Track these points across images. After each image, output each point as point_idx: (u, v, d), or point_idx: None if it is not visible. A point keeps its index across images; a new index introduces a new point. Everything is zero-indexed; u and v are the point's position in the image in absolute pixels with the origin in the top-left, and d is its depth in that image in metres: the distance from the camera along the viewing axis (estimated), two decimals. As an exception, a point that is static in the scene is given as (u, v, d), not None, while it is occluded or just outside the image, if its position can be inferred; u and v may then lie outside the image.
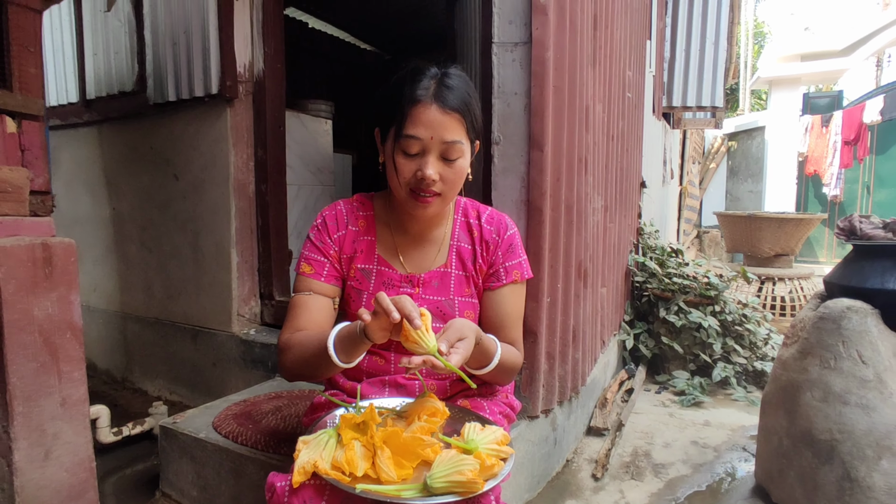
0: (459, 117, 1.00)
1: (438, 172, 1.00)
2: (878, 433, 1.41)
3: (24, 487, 1.39)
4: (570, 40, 1.69)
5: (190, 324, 2.48)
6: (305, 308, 1.09)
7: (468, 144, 1.04)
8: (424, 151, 0.99)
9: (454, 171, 1.02)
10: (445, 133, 0.99)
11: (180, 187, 2.44)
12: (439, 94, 0.99)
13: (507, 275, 1.14)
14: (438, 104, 0.98)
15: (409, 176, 1.01)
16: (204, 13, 2.23)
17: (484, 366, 1.02)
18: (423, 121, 0.98)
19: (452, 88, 1.00)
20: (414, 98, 0.98)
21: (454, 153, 1.00)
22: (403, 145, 1.00)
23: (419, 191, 1.01)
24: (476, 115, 1.05)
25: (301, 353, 1.02)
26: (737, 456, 2.00)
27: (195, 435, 1.63)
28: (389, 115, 1.02)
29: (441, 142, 0.99)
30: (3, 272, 1.35)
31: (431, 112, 0.98)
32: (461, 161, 1.02)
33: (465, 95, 1.02)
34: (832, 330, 1.51)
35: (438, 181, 1.01)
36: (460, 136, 1.00)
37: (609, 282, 2.46)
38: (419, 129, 0.98)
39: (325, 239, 1.13)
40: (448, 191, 1.03)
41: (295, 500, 0.84)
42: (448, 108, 0.98)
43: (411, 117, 0.98)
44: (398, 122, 0.99)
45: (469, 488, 0.79)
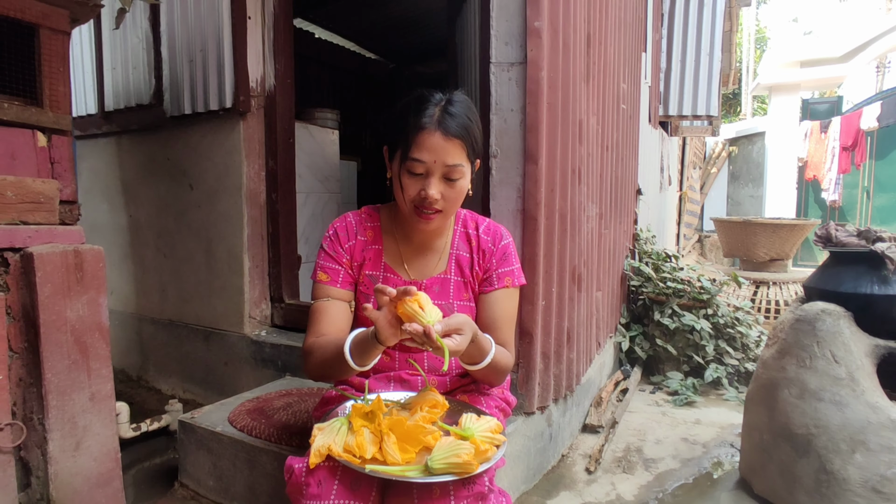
0: (461, 143, 1.10)
1: (440, 192, 1.11)
2: (852, 428, 1.51)
3: (58, 475, 1.51)
4: (564, 59, 1.81)
5: (203, 325, 2.60)
6: (325, 314, 1.19)
7: (468, 165, 1.15)
8: (428, 173, 1.10)
9: (455, 190, 1.13)
10: (447, 157, 1.09)
11: (195, 196, 2.57)
12: (442, 121, 1.08)
13: (499, 280, 1.25)
14: (441, 131, 1.08)
15: (414, 194, 1.12)
16: (219, 31, 2.35)
17: (477, 362, 1.12)
18: (426, 146, 1.08)
19: (455, 116, 1.10)
20: (419, 125, 1.08)
21: (455, 174, 1.11)
22: (409, 167, 1.10)
23: (422, 208, 1.12)
24: (476, 139, 1.15)
25: (322, 358, 1.12)
26: (724, 451, 2.10)
27: (212, 429, 1.74)
28: (397, 138, 1.13)
29: (443, 165, 1.10)
30: (40, 277, 1.47)
31: (435, 138, 1.08)
32: (462, 181, 1.13)
33: (467, 121, 1.11)
34: (808, 331, 1.61)
35: (440, 199, 1.12)
36: (461, 160, 1.11)
37: (604, 286, 2.56)
38: (423, 154, 1.08)
39: (338, 248, 1.24)
40: (449, 207, 1.14)
41: (311, 479, 0.95)
42: (450, 135, 1.08)
43: (416, 142, 1.08)
44: (404, 145, 1.10)
45: (465, 469, 0.90)
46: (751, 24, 15.49)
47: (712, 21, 3.95)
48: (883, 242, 1.58)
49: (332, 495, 0.92)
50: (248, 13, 2.33)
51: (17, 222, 1.54)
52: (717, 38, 3.95)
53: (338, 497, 0.92)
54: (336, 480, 0.94)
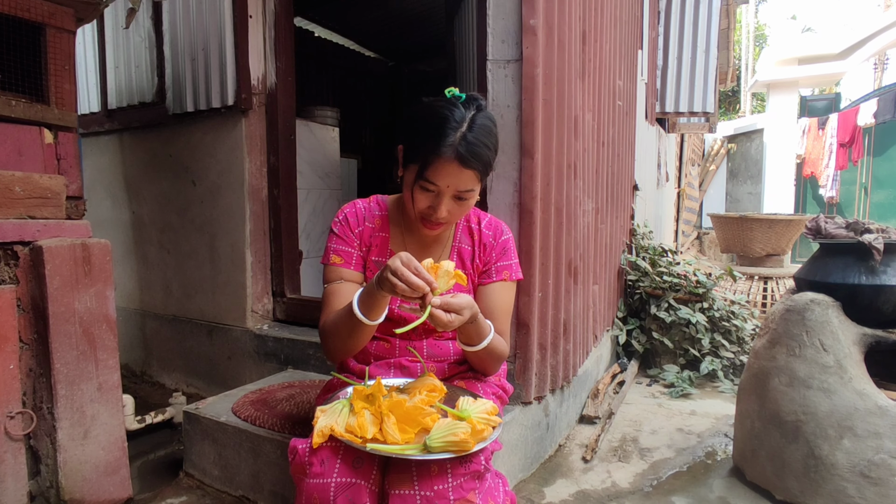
0: (476, 173, 1.12)
1: (448, 210, 1.15)
2: (840, 414, 1.55)
3: (67, 462, 1.55)
4: (559, 57, 1.84)
5: (206, 320, 2.64)
6: (338, 294, 1.24)
7: (480, 185, 1.17)
8: (440, 194, 1.13)
9: (462, 208, 1.17)
10: (461, 184, 1.12)
11: (198, 192, 2.61)
12: (460, 151, 1.07)
13: (497, 273, 1.29)
14: (459, 161, 1.08)
15: (423, 207, 1.16)
16: (221, 30, 2.39)
17: (475, 343, 1.17)
18: (442, 173, 1.10)
19: (473, 144, 1.08)
20: (437, 151, 1.08)
21: (466, 196, 1.15)
22: (422, 185, 1.13)
23: (429, 219, 1.17)
24: (491, 162, 1.16)
25: (335, 327, 1.17)
26: (718, 441, 2.14)
27: (216, 419, 1.78)
28: (414, 152, 1.13)
29: (456, 189, 1.12)
30: (49, 270, 1.51)
31: (451, 167, 1.08)
32: (471, 201, 1.17)
33: (485, 150, 1.11)
34: (797, 321, 1.66)
35: (447, 215, 1.15)
36: (474, 185, 1.14)
37: (601, 279, 2.60)
38: (438, 179, 1.10)
39: (348, 232, 1.28)
40: (454, 219, 1.20)
41: (314, 458, 0.99)
42: (467, 166, 1.09)
43: (432, 168, 1.09)
44: (421, 165, 1.11)
45: (462, 447, 0.94)
46: (750, 21, 15.51)
47: (708, 18, 3.98)
48: (870, 234, 1.62)
49: (335, 473, 0.96)
50: (249, 12, 2.37)
51: (25, 217, 1.58)
52: (714, 36, 3.99)
53: (340, 475, 0.96)
54: (338, 459, 0.98)
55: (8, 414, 1.44)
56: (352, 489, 0.96)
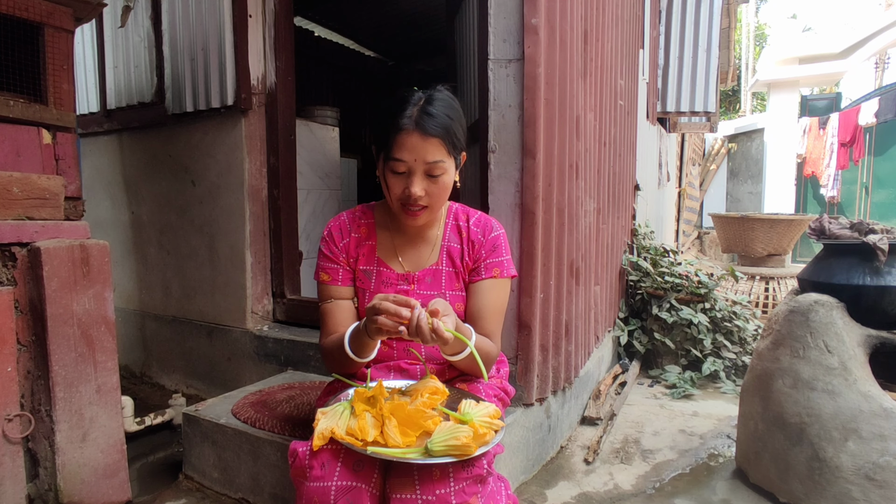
0: (439, 141, 1.13)
1: (424, 189, 1.15)
2: (844, 416, 1.54)
3: (65, 465, 1.54)
4: (561, 56, 1.83)
5: (206, 321, 2.63)
6: (331, 314, 1.28)
7: (450, 160, 1.17)
8: (410, 171, 1.14)
9: (438, 186, 1.16)
10: (427, 155, 1.13)
11: (197, 193, 2.59)
12: (420, 121, 1.11)
13: (486, 270, 1.28)
14: (419, 131, 1.11)
15: (399, 192, 1.16)
16: (220, 30, 2.38)
17: (457, 353, 1.14)
18: (406, 146, 1.12)
19: (433, 115, 1.12)
20: (398, 126, 1.12)
21: (437, 171, 1.15)
22: (391, 166, 1.15)
23: (408, 205, 1.17)
24: (457, 135, 1.17)
25: (332, 355, 1.22)
26: (721, 442, 2.13)
27: (216, 421, 1.77)
28: (380, 139, 1.18)
29: (424, 162, 1.13)
30: (47, 271, 1.50)
31: (413, 138, 1.12)
32: (444, 177, 1.17)
33: (446, 119, 1.13)
34: (801, 322, 1.64)
35: (424, 196, 1.16)
36: (441, 157, 1.14)
37: (603, 280, 2.59)
38: (403, 154, 1.13)
39: (333, 248, 1.29)
40: (434, 202, 1.19)
41: (315, 461, 0.98)
42: (428, 134, 1.11)
43: (396, 143, 1.13)
44: (386, 146, 1.15)
45: (464, 451, 0.93)
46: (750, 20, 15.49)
47: (710, 18, 3.97)
48: (874, 234, 1.61)
49: (335, 476, 0.95)
50: (248, 11, 2.36)
51: (23, 218, 1.56)
52: (715, 35, 3.97)
53: (340, 478, 0.95)
54: (339, 462, 0.97)
55: (6, 416, 1.43)
56: (352, 492, 0.95)
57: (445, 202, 1.24)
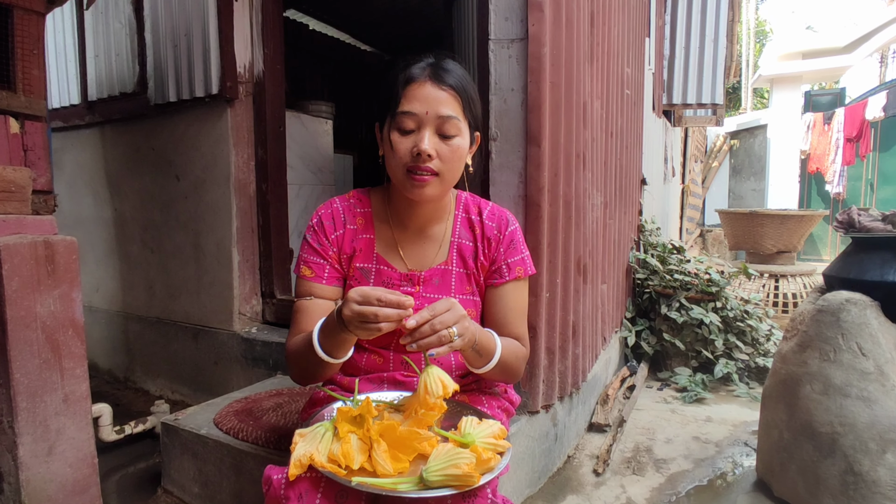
0: (455, 94, 1.01)
1: (434, 148, 1.00)
2: (882, 426, 1.41)
3: (30, 481, 1.40)
4: (567, 37, 1.70)
5: (191, 323, 2.49)
6: (307, 314, 1.09)
7: (465, 125, 1.04)
8: (420, 126, 1.00)
9: (451, 149, 1.02)
10: (440, 107, 1.00)
11: (182, 187, 2.46)
12: (435, 72, 1.01)
13: (509, 271, 1.13)
14: (433, 81, 1.00)
15: (405, 153, 1.01)
16: (204, 15, 2.24)
17: (485, 363, 1.01)
18: (418, 96, 0.99)
19: (448, 70, 1.03)
20: (410, 77, 1.01)
21: (450, 129, 1.01)
22: (399, 122, 1.00)
23: (416, 168, 1.00)
24: (474, 100, 1.06)
25: (298, 356, 1.04)
26: (738, 451, 1.99)
27: (196, 431, 1.64)
28: (386, 101, 1.04)
29: (436, 116, 0.99)
30: (7, 269, 1.36)
31: (426, 88, 1.00)
32: (458, 139, 1.03)
33: (462, 78, 1.04)
34: (831, 322, 1.51)
35: (435, 158, 1.01)
36: (456, 112, 1.01)
37: (609, 278, 2.46)
38: (414, 105, 0.99)
39: (323, 240, 1.12)
40: (446, 171, 1.03)
41: (291, 492, 0.84)
42: (443, 85, 1.00)
43: (406, 95, 1.00)
44: (394, 102, 1.01)
45: (465, 482, 0.79)
46: (751, 17, 15.38)
47: (717, 6, 3.83)
48: (911, 227, 1.47)
49: (315, 510, 0.82)
50: (234, -5, 2.22)
51: (-16, 212, 1.43)
52: (723, 25, 3.84)
53: (321, 512, 0.82)
54: (319, 493, 0.83)
55: (-42, 431, 1.30)
56: (335, 528, 0.82)
57: (456, 179, 1.08)
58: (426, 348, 0.86)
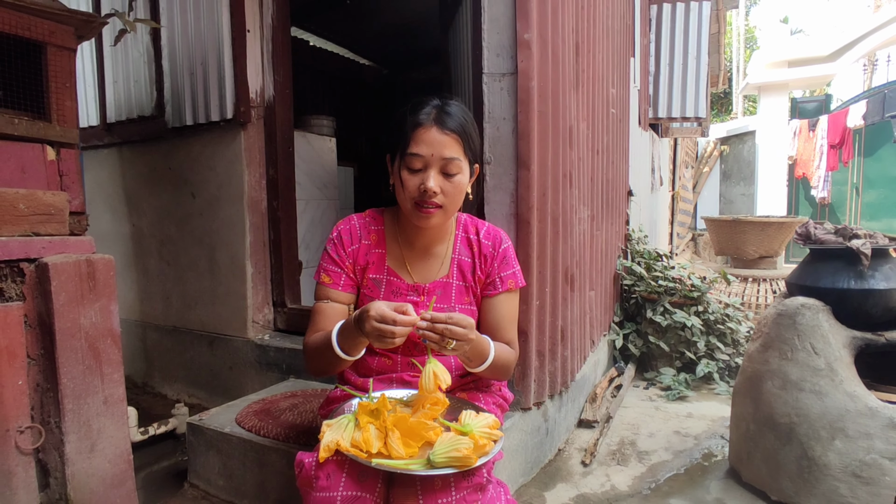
0: (457, 137, 1.18)
1: (439, 185, 1.18)
2: (831, 416, 1.59)
3: (75, 475, 1.57)
4: (553, 69, 1.88)
5: (207, 331, 2.66)
6: (324, 314, 1.28)
7: (466, 163, 1.21)
8: (426, 166, 1.18)
9: (453, 185, 1.19)
10: (444, 150, 1.17)
11: (197, 205, 2.63)
12: (439, 118, 1.17)
13: (502, 284, 1.31)
14: (438, 126, 1.16)
15: (414, 189, 1.18)
16: (219, 44, 2.42)
17: (478, 365, 1.19)
18: (424, 140, 1.16)
19: (451, 115, 1.18)
20: (416, 122, 1.18)
21: (453, 169, 1.18)
22: (408, 163, 1.18)
23: (422, 203, 1.18)
24: (473, 139, 1.23)
25: (316, 352, 1.21)
26: (715, 443, 2.17)
27: (220, 430, 1.81)
28: (396, 140, 1.21)
29: (441, 158, 1.17)
30: (55, 286, 1.53)
31: (432, 133, 1.16)
32: (460, 177, 1.20)
33: (463, 121, 1.20)
34: (788, 325, 1.70)
35: (440, 194, 1.18)
36: (458, 154, 1.18)
37: (597, 285, 2.64)
38: (421, 148, 1.16)
39: (341, 252, 1.30)
40: (449, 204, 1.21)
41: (321, 472, 1.02)
42: (446, 130, 1.17)
43: (414, 138, 1.17)
44: (403, 143, 1.18)
45: (464, 462, 0.98)
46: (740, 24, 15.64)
47: (699, 25, 4.05)
48: (858, 239, 1.66)
49: (341, 487, 0.99)
50: (247, 26, 2.40)
51: (29, 234, 1.60)
52: (704, 42, 4.05)
53: (346, 489, 0.99)
54: (344, 473, 1.01)
55: (18, 429, 1.47)
56: (357, 502, 0.99)
57: (458, 208, 1.26)
58: (427, 339, 1.06)
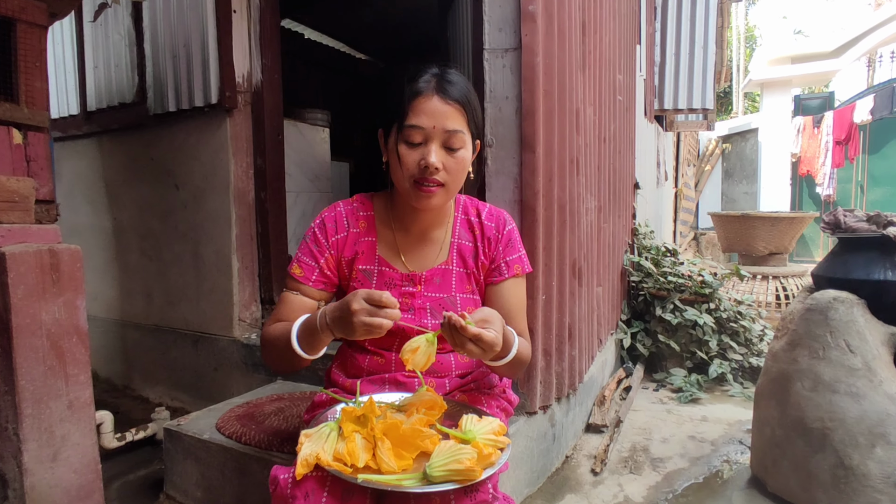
0: (460, 108, 1.04)
1: (441, 161, 1.04)
2: (870, 420, 1.44)
3: (35, 487, 1.42)
4: (559, 46, 1.74)
5: (190, 329, 2.51)
6: (289, 305, 1.13)
7: (469, 137, 1.08)
8: (427, 140, 1.03)
9: (456, 161, 1.05)
10: (447, 122, 1.03)
11: (181, 196, 2.48)
12: (440, 86, 1.04)
13: (508, 269, 1.18)
14: (440, 95, 1.03)
15: (413, 166, 1.04)
16: (203, 26, 2.28)
17: (503, 357, 1.03)
18: (425, 111, 1.02)
19: (453, 83, 1.05)
20: (416, 91, 1.03)
21: (456, 142, 1.04)
22: (406, 136, 1.04)
23: (423, 181, 1.04)
24: (476, 110, 1.10)
25: (273, 341, 1.07)
26: (734, 449, 2.03)
27: (199, 436, 1.66)
28: (392, 112, 1.07)
29: (443, 130, 1.03)
30: (12, 278, 1.38)
31: (433, 103, 1.03)
32: (463, 152, 1.06)
33: (465, 90, 1.07)
34: (819, 321, 1.55)
35: (441, 170, 1.04)
36: (461, 126, 1.05)
37: (605, 281, 2.50)
38: (421, 119, 1.02)
39: (322, 242, 1.15)
40: (451, 182, 1.07)
41: (298, 491, 0.87)
42: (449, 99, 1.03)
43: (414, 108, 1.03)
44: (401, 115, 1.04)
45: (467, 476, 0.82)
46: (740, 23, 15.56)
47: (706, 13, 3.91)
48: (894, 226, 1.52)
49: (322, 507, 0.84)
50: (233, 7, 2.26)
51: (-12, 222, 1.45)
52: (711, 31, 3.91)
53: (328, 509, 0.84)
54: (325, 492, 0.86)
55: (-35, 437, 1.31)
56: (341, 525, 0.84)
57: (459, 187, 1.12)
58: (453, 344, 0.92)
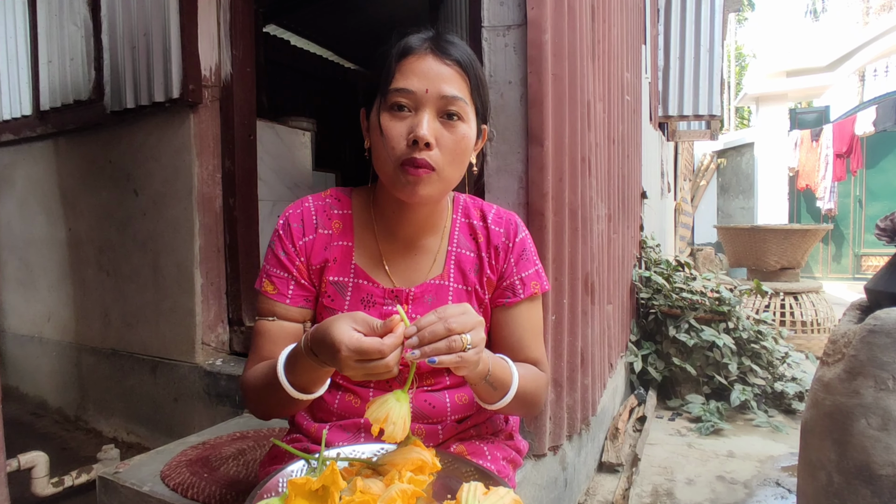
0: (461, 70, 0.81)
1: (435, 136, 0.79)
2: (951, 467, 1.18)
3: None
4: (570, 25, 1.51)
5: (149, 354, 2.22)
6: (268, 338, 0.88)
7: (472, 109, 0.83)
8: (418, 107, 0.79)
9: (455, 137, 0.81)
10: (443, 85, 0.79)
11: (140, 203, 2.21)
12: (437, 44, 0.81)
13: (524, 288, 0.92)
14: (436, 53, 0.80)
15: (399, 140, 0.79)
16: (165, 13, 2.03)
17: (496, 401, 0.81)
18: (416, 71, 0.79)
19: (453, 42, 0.83)
20: (406, 49, 0.80)
21: (455, 108, 0.80)
22: (392, 101, 0.79)
23: (410, 160, 0.79)
24: (482, 80, 0.86)
25: (258, 387, 0.83)
26: (772, 492, 1.76)
27: (138, 488, 1.36)
28: (376, 80, 0.83)
29: (439, 96, 0.79)
30: None
31: (427, 62, 0.79)
32: (464, 127, 0.82)
33: (468, 53, 0.84)
34: (887, 345, 1.29)
35: (435, 148, 0.79)
36: (462, 93, 0.80)
37: (615, 298, 2.24)
38: (411, 80, 0.78)
39: (289, 248, 0.89)
40: (446, 165, 0.81)
41: None
42: (447, 58, 0.80)
43: (402, 69, 0.79)
44: (386, 78, 0.80)
45: None
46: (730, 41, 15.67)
47: (711, 15, 3.73)
48: (972, 233, 1.28)
49: None
50: (199, -9, 2.02)
51: None
52: (717, 33, 3.73)
53: None
54: None
55: None
56: None
57: (458, 179, 0.86)
58: (433, 354, 0.65)
